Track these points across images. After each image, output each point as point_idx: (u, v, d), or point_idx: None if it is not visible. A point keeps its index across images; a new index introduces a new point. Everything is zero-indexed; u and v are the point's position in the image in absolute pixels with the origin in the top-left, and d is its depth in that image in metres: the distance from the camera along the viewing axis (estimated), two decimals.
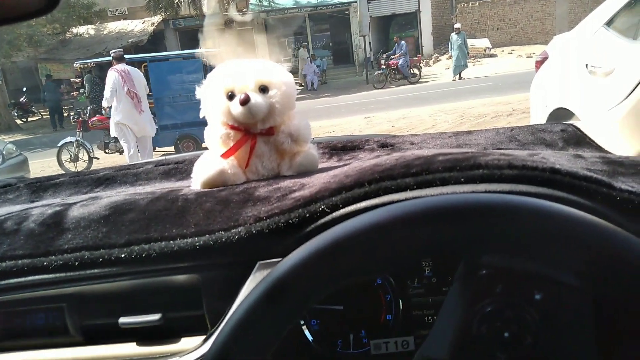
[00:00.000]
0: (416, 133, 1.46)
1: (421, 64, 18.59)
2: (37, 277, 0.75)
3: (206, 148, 1.06)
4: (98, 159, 8.96)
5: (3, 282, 0.76)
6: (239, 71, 0.98)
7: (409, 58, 17.70)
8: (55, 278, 0.75)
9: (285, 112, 1.01)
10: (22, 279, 0.76)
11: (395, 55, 17.50)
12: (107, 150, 8.95)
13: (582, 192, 0.66)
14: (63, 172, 7.93)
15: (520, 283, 0.60)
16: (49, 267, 0.75)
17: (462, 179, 0.67)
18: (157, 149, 9.20)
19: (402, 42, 17.69)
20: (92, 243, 0.76)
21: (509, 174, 0.67)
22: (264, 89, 0.98)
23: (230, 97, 0.97)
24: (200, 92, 1.02)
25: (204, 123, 1.05)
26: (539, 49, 17.01)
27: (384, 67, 17.26)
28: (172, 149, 9.15)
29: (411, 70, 17.48)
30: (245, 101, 0.94)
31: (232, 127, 0.99)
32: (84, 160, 8.77)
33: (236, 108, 0.95)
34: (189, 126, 8.75)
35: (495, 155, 0.72)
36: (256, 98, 0.95)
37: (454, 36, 16.71)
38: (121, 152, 8.08)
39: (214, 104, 0.99)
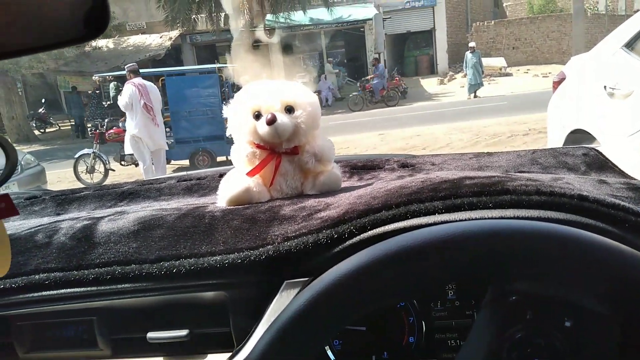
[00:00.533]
0: (436, 153, 1.46)
1: (402, 87, 18.55)
2: (69, 290, 0.77)
3: (220, 162, 1.07)
4: (114, 170, 9.06)
5: (36, 294, 0.78)
6: (266, 91, 1.01)
7: (385, 81, 17.63)
8: (86, 292, 0.77)
9: (310, 132, 1.03)
10: (55, 292, 0.77)
11: (369, 77, 17.57)
12: (122, 163, 9.05)
13: (609, 219, 0.66)
14: (81, 184, 8.03)
15: (550, 310, 0.61)
16: (81, 280, 0.76)
17: (490, 204, 0.68)
18: (172, 162, 9.29)
19: (380, 64, 17.74)
20: (123, 258, 0.77)
21: (537, 200, 0.68)
22: (289, 109, 1.00)
23: (257, 116, 0.99)
24: (227, 111, 1.04)
25: (218, 137, 1.07)
26: (555, 69, 16.98)
27: (360, 89, 17.26)
28: (187, 162, 9.23)
29: (389, 92, 17.36)
30: (271, 121, 0.96)
31: (258, 146, 1.01)
32: (100, 172, 8.88)
33: (263, 127, 0.97)
34: (204, 140, 8.84)
35: (522, 181, 0.73)
36: (282, 118, 0.97)
37: (468, 55, 16.73)
38: (136, 165, 8.17)
39: (241, 123, 1.01)
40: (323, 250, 0.72)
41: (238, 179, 1.00)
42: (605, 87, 3.44)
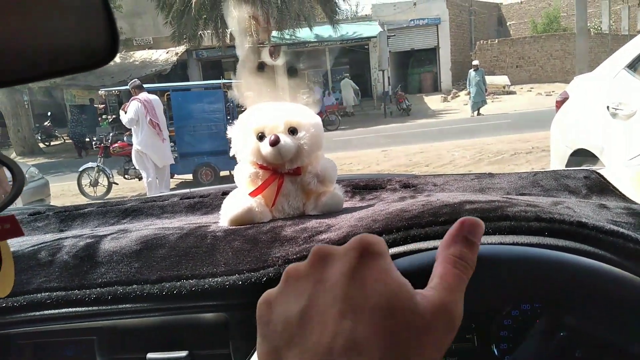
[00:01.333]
0: (438, 174, 1.47)
1: (405, 104, 18.64)
2: (70, 309, 0.77)
3: (223, 177, 1.08)
4: (117, 184, 9.10)
5: (37, 314, 0.78)
6: (270, 113, 1.02)
7: (324, 105, 17.57)
8: (88, 311, 0.77)
9: (313, 153, 1.04)
10: (56, 311, 0.78)
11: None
12: (126, 176, 9.09)
13: (608, 246, 0.66)
14: (84, 197, 8.03)
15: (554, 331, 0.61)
16: (82, 300, 0.77)
17: (489, 230, 0.68)
18: (176, 176, 9.32)
19: (317, 87, 17.78)
20: (125, 278, 0.78)
21: (537, 227, 0.68)
22: (293, 131, 1.01)
23: (261, 137, 1.00)
24: (231, 131, 1.05)
25: (222, 152, 1.08)
26: (559, 87, 17.04)
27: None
28: (190, 176, 9.26)
29: (327, 117, 17.20)
30: (275, 142, 0.97)
31: (261, 167, 1.02)
32: (103, 185, 8.91)
33: (266, 148, 0.98)
34: (208, 155, 8.88)
35: (522, 207, 0.73)
36: (285, 139, 0.98)
37: (472, 73, 16.84)
38: (140, 179, 8.21)
39: (245, 143, 1.02)
40: None
41: (240, 199, 1.00)
42: (608, 107, 3.46)
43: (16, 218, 0.61)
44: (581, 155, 3.66)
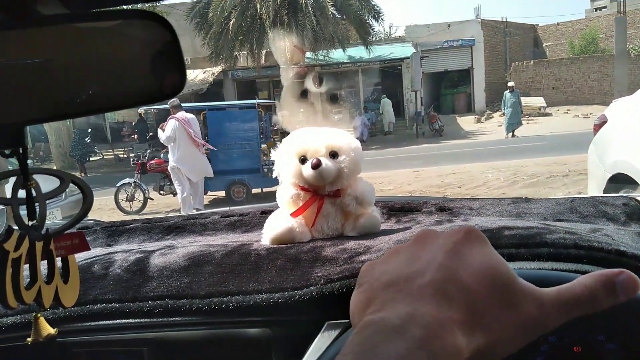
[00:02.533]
0: (474, 197, 1.48)
1: (438, 124, 18.53)
2: (124, 320, 0.82)
3: (255, 194, 1.13)
4: (152, 199, 9.31)
5: (94, 324, 0.83)
6: (312, 137, 1.06)
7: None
8: (140, 323, 0.82)
9: (352, 176, 1.08)
10: (111, 322, 0.83)
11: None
12: (161, 192, 9.30)
13: None
14: (120, 212, 8.22)
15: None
16: (136, 312, 0.81)
17: (528, 256, 0.70)
18: (209, 192, 9.50)
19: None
20: (175, 292, 0.82)
21: (575, 254, 0.70)
22: (334, 155, 1.05)
23: (303, 160, 1.05)
24: (275, 154, 1.10)
25: (255, 170, 1.13)
26: (596, 110, 16.70)
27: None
28: (223, 193, 9.41)
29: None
30: (316, 165, 1.01)
31: (302, 188, 1.06)
32: (139, 201, 9.13)
33: (308, 171, 1.03)
34: (241, 173, 9.03)
35: (560, 234, 0.75)
36: (327, 163, 1.03)
37: (507, 94, 16.67)
38: (175, 195, 8.40)
39: (287, 166, 1.07)
40: None
41: (282, 219, 1.04)
42: None
43: (84, 234, 0.66)
44: (620, 180, 3.58)
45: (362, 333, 0.36)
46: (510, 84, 17.41)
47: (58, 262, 0.67)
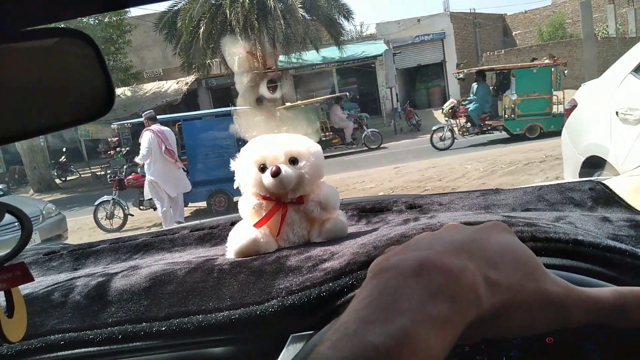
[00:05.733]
0: (443, 192, 1.47)
1: (415, 119, 18.63)
2: (83, 350, 0.79)
3: (237, 203, 1.10)
4: (132, 215, 9.19)
5: (52, 355, 0.80)
6: (270, 144, 1.04)
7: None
8: (99, 351, 0.79)
9: (314, 181, 1.06)
10: (69, 352, 0.79)
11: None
12: (141, 207, 9.19)
13: (605, 262, 0.66)
14: (101, 230, 8.10)
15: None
16: (94, 340, 0.78)
17: None
18: (190, 204, 9.40)
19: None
20: (134, 316, 0.80)
21: (533, 247, 0.69)
22: (293, 161, 1.03)
23: (262, 169, 1.03)
24: (234, 164, 1.08)
25: (234, 178, 1.11)
26: (569, 94, 16.93)
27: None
28: (204, 204, 9.32)
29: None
30: (276, 173, 0.99)
31: (264, 198, 1.04)
32: (119, 217, 9.01)
33: (268, 179, 1.00)
34: (221, 182, 8.95)
35: (519, 227, 0.74)
36: (286, 170, 1.00)
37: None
38: (155, 209, 8.30)
39: (247, 175, 1.04)
40: (326, 304, 0.73)
41: (246, 230, 1.02)
42: (617, 113, 3.44)
43: (26, 265, 0.63)
44: (594, 163, 3.63)
45: (378, 277, 0.35)
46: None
47: (1, 296, 0.63)
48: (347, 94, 18.86)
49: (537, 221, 0.81)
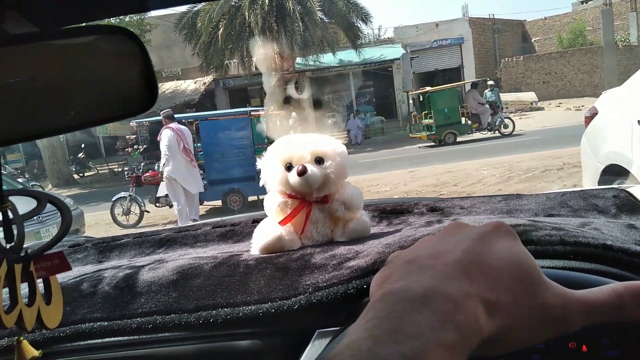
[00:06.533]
0: (465, 196, 1.47)
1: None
2: (113, 339, 0.81)
3: (252, 202, 1.11)
4: (149, 212, 9.28)
5: (82, 343, 0.82)
6: (297, 144, 1.06)
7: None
8: (129, 340, 0.81)
9: (339, 181, 1.07)
10: (100, 341, 0.81)
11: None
12: (157, 204, 9.27)
13: (633, 267, 0.66)
14: (117, 226, 8.18)
15: None
16: (124, 329, 0.80)
17: None
18: (205, 203, 9.47)
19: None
20: (163, 308, 0.81)
21: (562, 250, 0.69)
22: (319, 160, 1.04)
23: (288, 168, 1.04)
24: (260, 163, 1.09)
25: (250, 178, 1.12)
26: (588, 102, 16.78)
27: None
28: (219, 203, 9.39)
29: None
30: (302, 172, 1.00)
31: (289, 196, 1.05)
32: (136, 214, 9.11)
33: (294, 178, 1.02)
34: (236, 181, 9.02)
35: (547, 230, 0.74)
36: (312, 169, 1.02)
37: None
38: (170, 206, 8.37)
39: (273, 174, 1.06)
40: (353, 301, 0.74)
41: (270, 227, 1.04)
42: (638, 121, 3.40)
43: (64, 254, 0.65)
44: (614, 171, 3.59)
45: (384, 300, 0.36)
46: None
47: (40, 283, 0.66)
48: (488, 79, 18.99)
49: (564, 226, 0.82)
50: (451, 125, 16.14)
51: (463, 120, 16.30)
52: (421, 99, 16.94)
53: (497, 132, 16.23)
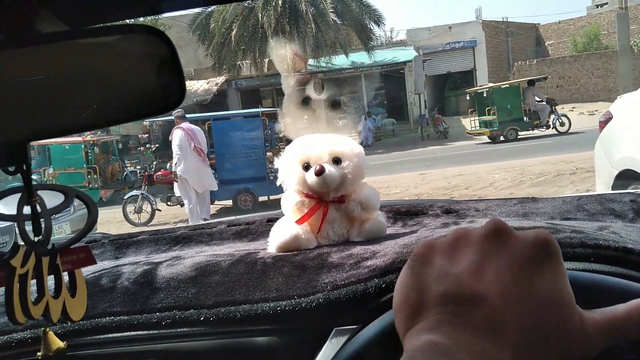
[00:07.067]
0: (480, 199, 1.47)
1: (443, 126, 18.67)
2: (133, 333, 0.82)
3: (262, 202, 1.12)
4: (160, 210, 9.36)
5: (102, 337, 0.83)
6: (315, 144, 1.07)
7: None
8: (148, 335, 0.82)
9: (356, 181, 1.08)
10: (120, 334, 0.83)
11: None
12: (169, 203, 9.35)
13: None
14: (129, 223, 8.23)
15: None
16: (144, 324, 0.82)
17: None
18: (216, 202, 9.52)
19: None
20: (182, 303, 0.83)
21: (582, 253, 0.69)
22: (337, 161, 1.05)
23: (306, 167, 1.05)
24: (278, 162, 1.10)
25: (261, 178, 1.13)
26: (602, 106, 16.63)
27: None
28: (230, 202, 9.43)
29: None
30: (320, 172, 1.01)
31: (307, 195, 1.06)
32: (147, 212, 9.18)
33: (311, 178, 1.03)
34: (247, 181, 9.06)
35: (567, 233, 0.74)
36: (330, 169, 1.03)
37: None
38: (182, 205, 8.43)
39: (291, 173, 1.07)
40: (372, 299, 0.75)
41: (287, 226, 1.04)
42: None
43: (89, 248, 0.67)
44: (628, 176, 3.55)
45: (415, 357, 0.37)
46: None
47: (65, 276, 0.67)
48: (547, 77, 19.12)
49: (582, 229, 0.82)
50: (514, 121, 16.17)
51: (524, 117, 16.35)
52: (484, 95, 16.96)
53: (554, 129, 16.22)
